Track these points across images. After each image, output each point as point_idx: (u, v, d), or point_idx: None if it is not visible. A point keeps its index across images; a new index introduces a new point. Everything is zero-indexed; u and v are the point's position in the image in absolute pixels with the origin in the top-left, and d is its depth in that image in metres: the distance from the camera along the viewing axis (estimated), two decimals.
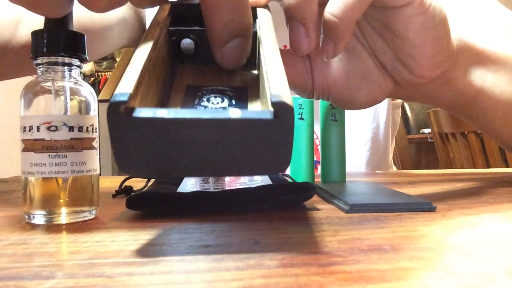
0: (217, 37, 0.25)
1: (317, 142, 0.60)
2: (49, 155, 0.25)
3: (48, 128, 0.25)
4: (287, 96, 0.18)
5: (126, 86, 0.18)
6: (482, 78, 0.37)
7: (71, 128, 0.26)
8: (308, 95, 0.34)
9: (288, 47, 0.30)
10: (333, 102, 0.35)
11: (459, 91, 0.37)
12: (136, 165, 0.18)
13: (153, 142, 0.17)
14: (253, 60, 0.28)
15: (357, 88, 0.33)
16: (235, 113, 0.17)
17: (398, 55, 0.31)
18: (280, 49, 0.32)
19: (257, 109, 0.23)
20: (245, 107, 0.24)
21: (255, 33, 0.27)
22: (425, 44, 0.30)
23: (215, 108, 0.23)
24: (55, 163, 0.25)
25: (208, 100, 0.24)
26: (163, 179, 0.39)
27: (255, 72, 0.28)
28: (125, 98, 0.17)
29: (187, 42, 0.28)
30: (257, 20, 0.28)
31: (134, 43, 0.65)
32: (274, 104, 0.17)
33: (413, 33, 0.29)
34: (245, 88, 0.26)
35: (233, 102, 0.24)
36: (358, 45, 0.33)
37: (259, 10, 0.29)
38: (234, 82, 0.27)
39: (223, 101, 0.24)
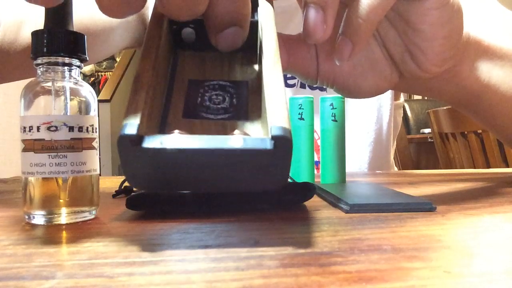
0: (213, 25, 0.25)
1: (319, 142, 0.60)
2: (49, 155, 0.25)
3: (48, 128, 0.25)
4: (285, 126, 0.19)
5: (134, 115, 0.19)
6: (488, 74, 0.37)
7: (71, 128, 0.26)
8: (311, 81, 0.34)
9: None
10: (337, 89, 0.35)
11: (465, 86, 0.37)
12: (146, 183, 0.20)
13: (160, 166, 0.19)
14: (255, 49, 0.28)
15: (363, 77, 0.33)
16: (237, 143, 0.18)
17: (408, 47, 0.31)
18: (285, 35, 0.32)
19: (257, 128, 0.24)
20: (245, 109, 0.24)
21: (256, 23, 0.28)
22: (436, 38, 0.30)
23: (220, 107, 0.24)
24: (55, 163, 0.25)
25: (210, 100, 0.25)
26: None
27: (255, 66, 0.28)
28: (134, 132, 0.18)
29: (188, 31, 0.28)
30: (258, 10, 0.28)
31: (137, 44, 0.64)
32: (274, 137, 0.18)
33: (428, 26, 0.29)
34: (246, 82, 0.26)
35: (234, 101, 0.25)
36: None
37: (260, 1, 0.28)
38: (235, 75, 0.27)
39: (224, 100, 0.25)
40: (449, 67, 0.33)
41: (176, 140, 0.18)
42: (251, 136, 0.21)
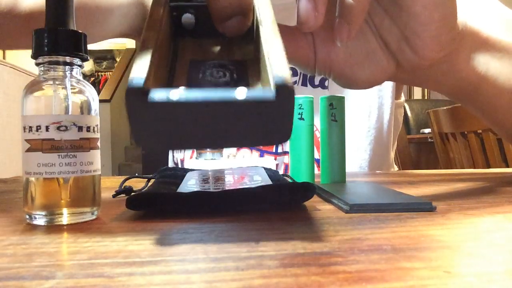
0: (218, 16, 0.27)
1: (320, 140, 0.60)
2: (58, 155, 0.25)
3: (58, 128, 0.25)
4: (287, 77, 0.19)
5: (140, 70, 0.19)
6: (486, 66, 0.37)
7: (80, 128, 0.26)
8: (310, 71, 0.34)
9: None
10: (335, 79, 0.35)
11: (462, 78, 0.37)
12: (151, 141, 0.20)
13: (166, 121, 0.19)
14: (251, 33, 0.29)
15: (359, 66, 0.33)
16: (241, 94, 0.18)
17: (404, 32, 0.31)
18: (282, 25, 0.33)
19: (257, 86, 0.24)
20: (246, 82, 0.25)
21: (253, 9, 0.28)
22: (432, 21, 0.30)
23: (221, 81, 0.25)
24: (65, 163, 0.25)
25: (211, 75, 0.25)
26: (164, 178, 0.39)
27: (252, 46, 0.29)
28: (140, 83, 0.18)
29: (187, 17, 0.29)
30: None
31: (134, 32, 0.64)
32: (276, 85, 0.18)
33: (421, 7, 0.30)
34: (245, 61, 0.27)
35: (235, 76, 0.26)
36: (363, 24, 0.33)
37: None
38: (234, 56, 0.28)
39: (225, 75, 0.26)
40: (446, 54, 0.33)
41: (182, 93, 0.18)
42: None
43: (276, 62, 0.20)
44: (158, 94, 0.18)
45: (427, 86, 0.39)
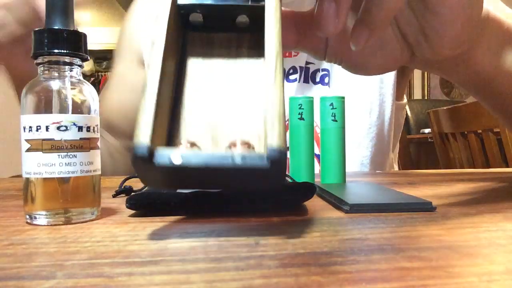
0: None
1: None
2: (58, 155, 0.25)
3: (58, 128, 0.25)
4: (281, 147, 0.21)
5: (144, 132, 0.21)
6: (503, 58, 0.36)
7: (80, 128, 0.26)
8: (319, 58, 0.34)
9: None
10: (345, 67, 0.34)
11: (476, 71, 0.36)
12: (157, 186, 0.27)
13: (170, 177, 0.23)
14: (262, 32, 0.28)
15: (372, 55, 0.33)
16: (238, 159, 0.20)
17: (424, 29, 0.31)
18: (295, 13, 0.32)
19: (259, 148, 0.26)
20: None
21: (263, 8, 0.28)
22: (455, 23, 0.29)
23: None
24: (65, 163, 0.25)
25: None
26: None
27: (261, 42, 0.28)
28: (145, 152, 0.20)
29: (195, 15, 0.28)
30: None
31: None
32: (269, 156, 0.20)
33: (448, 9, 0.29)
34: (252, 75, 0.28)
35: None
36: None
37: None
38: (242, 56, 0.28)
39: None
40: (462, 51, 0.32)
41: (182, 157, 0.20)
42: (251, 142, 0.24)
43: (273, 129, 0.21)
44: (162, 159, 0.20)
45: (440, 75, 0.38)
